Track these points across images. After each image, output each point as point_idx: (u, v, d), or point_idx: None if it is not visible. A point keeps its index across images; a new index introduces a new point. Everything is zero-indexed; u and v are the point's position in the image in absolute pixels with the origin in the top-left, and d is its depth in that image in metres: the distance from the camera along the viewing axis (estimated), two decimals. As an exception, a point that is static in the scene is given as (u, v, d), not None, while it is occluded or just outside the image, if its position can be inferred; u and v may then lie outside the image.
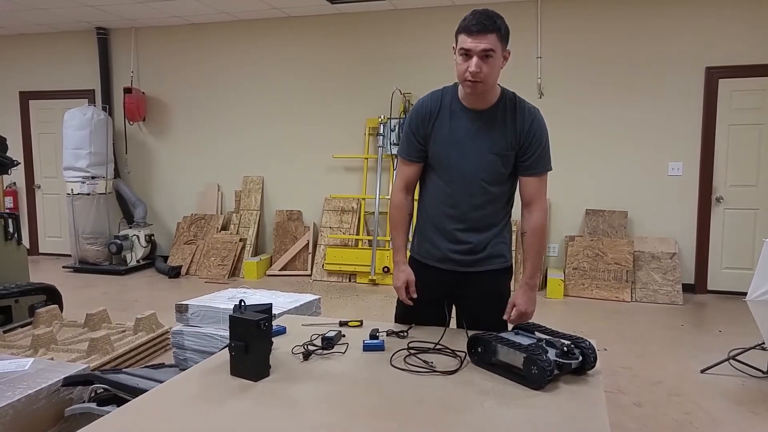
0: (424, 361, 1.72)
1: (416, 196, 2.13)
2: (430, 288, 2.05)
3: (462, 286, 2.05)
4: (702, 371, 3.55)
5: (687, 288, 5.53)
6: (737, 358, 3.58)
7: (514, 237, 2.19)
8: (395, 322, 2.16)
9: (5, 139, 4.66)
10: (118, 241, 6.65)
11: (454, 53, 1.87)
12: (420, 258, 2.10)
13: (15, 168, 4.68)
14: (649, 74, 5.59)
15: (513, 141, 1.93)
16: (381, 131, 6.12)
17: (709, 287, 5.59)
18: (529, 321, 1.92)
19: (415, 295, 2.04)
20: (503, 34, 1.82)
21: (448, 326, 2.03)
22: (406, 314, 2.11)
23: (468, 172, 1.95)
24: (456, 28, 1.85)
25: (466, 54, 1.81)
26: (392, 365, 1.70)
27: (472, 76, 1.81)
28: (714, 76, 5.43)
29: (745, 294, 3.47)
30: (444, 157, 1.97)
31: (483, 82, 1.83)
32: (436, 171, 2.02)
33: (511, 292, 2.07)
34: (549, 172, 2.01)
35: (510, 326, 1.95)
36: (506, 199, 2.04)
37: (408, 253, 2.15)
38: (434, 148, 1.99)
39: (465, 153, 1.94)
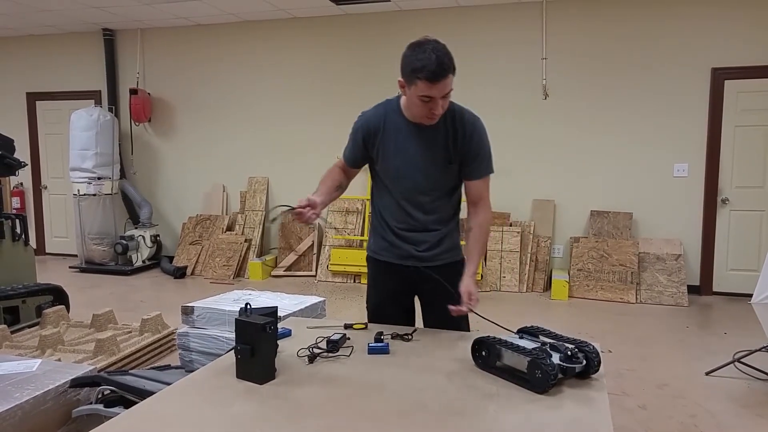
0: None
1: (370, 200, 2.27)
2: (396, 284, 2.18)
3: (424, 280, 2.13)
4: (707, 373, 3.55)
5: (692, 289, 5.52)
6: (743, 360, 3.57)
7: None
8: (368, 318, 2.24)
9: (12, 140, 4.70)
10: (124, 242, 6.69)
11: (404, 88, 1.90)
12: (383, 258, 2.19)
13: (22, 169, 4.72)
14: (655, 75, 5.58)
15: (456, 152, 2.03)
16: (386, 132, 6.13)
17: (715, 289, 5.58)
18: (534, 325, 1.92)
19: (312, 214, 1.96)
20: (455, 66, 1.85)
21: (414, 320, 2.24)
22: (377, 313, 2.23)
23: (417, 183, 2.06)
24: (408, 68, 1.83)
25: (430, 99, 1.85)
26: (396, 368, 1.71)
27: (436, 118, 1.92)
28: (720, 77, 5.41)
29: (751, 296, 3.47)
30: (393, 170, 2.08)
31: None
32: (386, 183, 2.12)
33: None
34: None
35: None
36: (455, 197, 2.16)
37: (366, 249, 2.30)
38: (383, 164, 2.09)
39: (413, 166, 2.04)
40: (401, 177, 2.07)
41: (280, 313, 2.18)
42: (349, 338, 1.95)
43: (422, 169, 2.03)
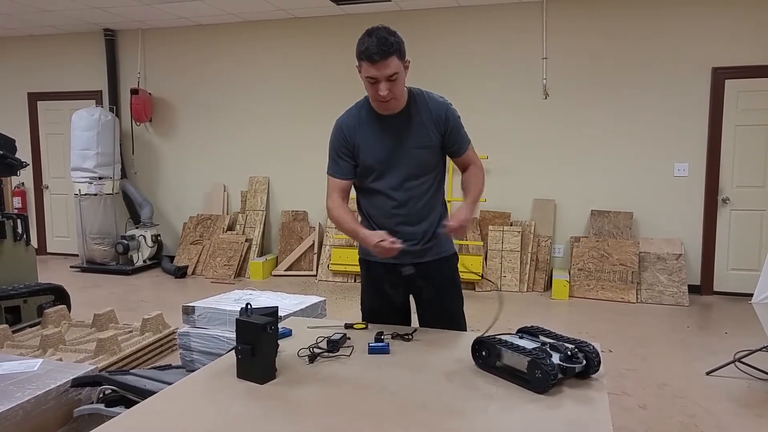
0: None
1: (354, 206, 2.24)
2: (391, 284, 2.17)
3: (418, 276, 2.12)
4: (707, 373, 3.55)
5: (693, 289, 5.51)
6: (743, 360, 3.57)
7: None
8: (362, 320, 2.24)
9: (14, 140, 4.71)
10: (125, 241, 6.70)
11: (359, 72, 1.97)
12: (375, 258, 2.13)
13: (23, 169, 4.72)
14: (655, 75, 5.58)
15: (435, 131, 2.08)
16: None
17: (715, 288, 5.58)
18: (534, 325, 1.93)
19: (398, 244, 1.95)
20: (401, 51, 1.93)
21: (410, 320, 2.26)
22: (372, 314, 2.23)
23: (400, 170, 2.07)
24: (356, 52, 1.93)
25: (375, 80, 1.92)
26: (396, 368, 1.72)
27: (384, 99, 1.96)
28: (720, 76, 5.41)
29: (751, 295, 3.47)
30: (375, 163, 2.09)
31: (394, 99, 1.99)
32: (369, 179, 2.12)
33: (460, 278, 2.26)
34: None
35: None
36: (439, 180, 2.17)
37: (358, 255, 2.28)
38: (364, 158, 2.10)
39: (393, 154, 2.07)
40: (383, 167, 2.08)
41: (280, 313, 2.19)
42: (349, 338, 1.96)
43: (401, 154, 2.06)
